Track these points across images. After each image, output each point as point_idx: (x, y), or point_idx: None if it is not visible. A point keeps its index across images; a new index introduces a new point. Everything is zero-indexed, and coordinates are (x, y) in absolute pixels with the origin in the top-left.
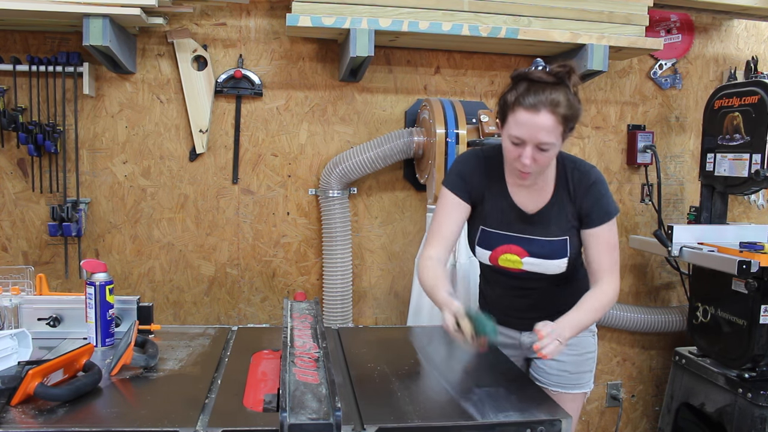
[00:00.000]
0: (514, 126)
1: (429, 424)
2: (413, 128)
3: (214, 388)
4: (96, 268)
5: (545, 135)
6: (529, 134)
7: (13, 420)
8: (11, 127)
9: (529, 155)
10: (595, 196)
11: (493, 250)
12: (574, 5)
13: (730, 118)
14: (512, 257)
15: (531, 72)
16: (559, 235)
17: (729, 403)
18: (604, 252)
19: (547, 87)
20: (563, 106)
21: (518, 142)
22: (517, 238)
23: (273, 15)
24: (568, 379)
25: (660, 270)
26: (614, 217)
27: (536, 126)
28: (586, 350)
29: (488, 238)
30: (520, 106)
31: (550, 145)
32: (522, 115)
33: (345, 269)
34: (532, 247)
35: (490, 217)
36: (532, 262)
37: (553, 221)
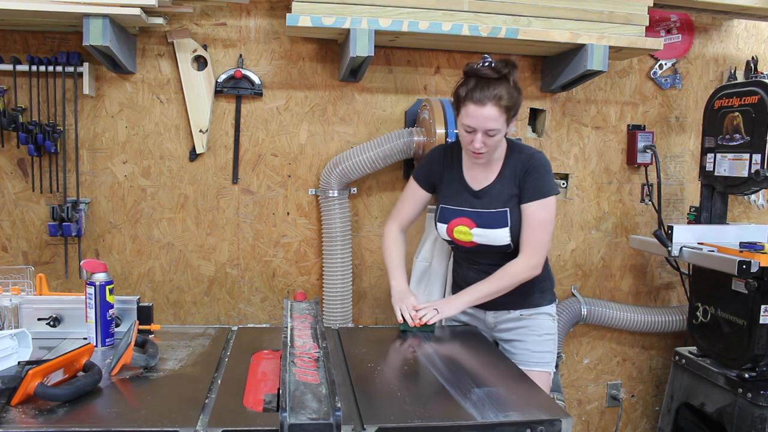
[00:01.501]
0: (465, 117)
1: (429, 424)
2: (413, 128)
3: (214, 388)
4: (96, 268)
5: (491, 123)
6: (478, 123)
7: (13, 420)
8: (11, 127)
9: (480, 139)
10: (533, 176)
11: (448, 224)
12: (574, 5)
13: (730, 118)
14: (463, 229)
15: (478, 69)
16: (498, 207)
17: (729, 403)
18: (529, 227)
19: (491, 82)
20: (505, 99)
21: (470, 130)
22: (466, 211)
23: (273, 15)
24: (531, 357)
25: (660, 270)
26: (547, 197)
27: (483, 117)
28: (545, 332)
29: (444, 213)
30: (469, 100)
31: (496, 131)
32: (471, 108)
33: (345, 269)
34: (479, 219)
35: (446, 195)
36: (479, 232)
37: (495, 196)
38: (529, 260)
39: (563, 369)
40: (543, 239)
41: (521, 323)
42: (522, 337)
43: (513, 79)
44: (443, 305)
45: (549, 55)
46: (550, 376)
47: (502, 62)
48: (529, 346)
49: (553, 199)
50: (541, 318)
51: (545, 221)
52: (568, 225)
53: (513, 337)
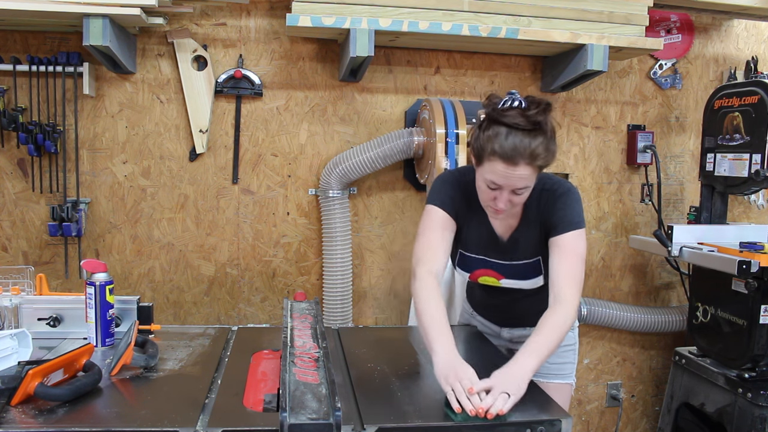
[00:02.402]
0: (490, 173)
1: (429, 424)
2: (413, 128)
3: (214, 388)
4: (96, 268)
5: (522, 182)
6: (505, 183)
7: (13, 420)
8: (11, 127)
9: (505, 199)
10: (559, 206)
11: (471, 273)
12: (574, 5)
13: (730, 118)
14: (490, 279)
15: (507, 115)
16: (530, 257)
17: (729, 403)
18: (564, 262)
19: (525, 135)
20: (541, 157)
21: (494, 187)
22: (492, 263)
23: (273, 15)
24: (549, 369)
25: (660, 270)
26: (578, 228)
27: (513, 176)
28: (564, 343)
29: (466, 262)
30: (497, 156)
31: (525, 190)
32: (499, 165)
33: (345, 269)
34: (507, 271)
35: (469, 242)
36: (509, 283)
37: (522, 244)
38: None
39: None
40: (581, 274)
41: None
42: None
43: (552, 130)
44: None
45: (549, 55)
46: (571, 387)
47: (535, 104)
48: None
49: (584, 231)
50: None
51: (582, 253)
52: None
53: None
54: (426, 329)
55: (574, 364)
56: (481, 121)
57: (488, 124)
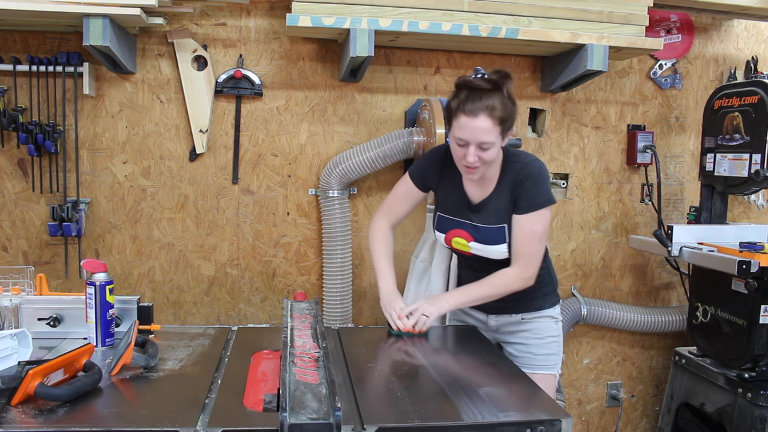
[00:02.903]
0: (457, 129)
1: (429, 424)
2: (413, 128)
3: (214, 388)
4: (96, 268)
5: (484, 135)
6: (470, 136)
7: (14, 420)
8: (11, 127)
9: (473, 153)
10: (527, 186)
11: (446, 233)
12: (574, 5)
13: (730, 118)
14: (461, 240)
15: (471, 80)
16: (496, 223)
17: (729, 403)
18: (523, 239)
19: (484, 93)
20: (499, 109)
21: (462, 143)
22: (464, 223)
23: (273, 15)
24: (534, 360)
25: (660, 270)
26: (542, 208)
27: (476, 128)
28: (548, 334)
29: (442, 222)
30: (461, 112)
31: (490, 144)
32: (463, 119)
33: (345, 269)
34: (476, 233)
35: (444, 204)
36: (477, 246)
37: (492, 210)
38: (522, 273)
39: (563, 369)
40: (537, 252)
41: (524, 326)
42: (524, 340)
43: (507, 90)
44: (430, 307)
45: (549, 55)
46: (555, 378)
47: (496, 73)
48: (531, 349)
49: (548, 210)
50: (544, 321)
51: (540, 234)
52: (568, 225)
53: (516, 340)
54: (375, 270)
55: (559, 355)
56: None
57: (456, 92)
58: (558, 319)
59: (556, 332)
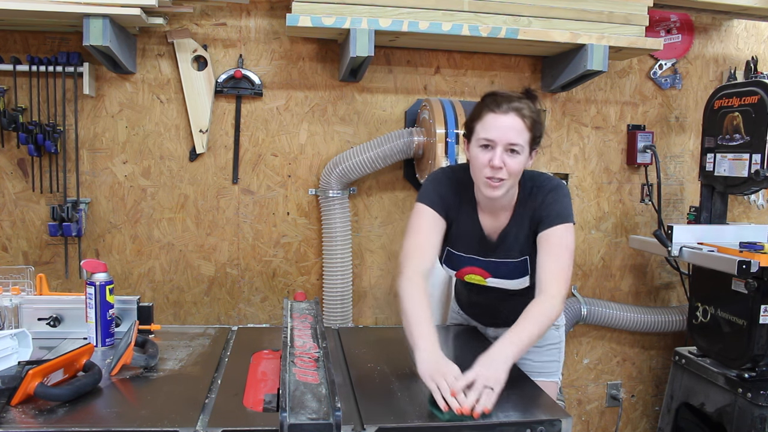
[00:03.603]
0: (482, 130)
1: (429, 424)
2: (413, 128)
3: (214, 388)
4: (96, 268)
5: (514, 135)
6: (498, 135)
7: (13, 420)
8: (11, 127)
9: (500, 156)
10: (548, 202)
11: (458, 271)
12: (574, 5)
13: (730, 118)
14: (476, 277)
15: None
16: (518, 256)
17: (729, 403)
18: (554, 254)
19: (513, 97)
20: (528, 111)
21: (488, 144)
22: (479, 261)
23: (273, 15)
24: (533, 367)
25: (660, 270)
26: (567, 222)
27: (505, 126)
28: (548, 342)
29: (453, 260)
30: (488, 111)
31: (519, 148)
32: (490, 118)
33: (345, 269)
34: (494, 270)
35: (457, 240)
36: (495, 282)
37: (512, 243)
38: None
39: (563, 369)
40: (570, 267)
41: None
42: None
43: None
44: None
45: (549, 55)
46: (556, 385)
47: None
48: (530, 356)
49: (573, 226)
50: None
51: (569, 247)
52: None
53: None
54: (411, 326)
55: (560, 362)
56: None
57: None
58: (559, 326)
59: (556, 339)
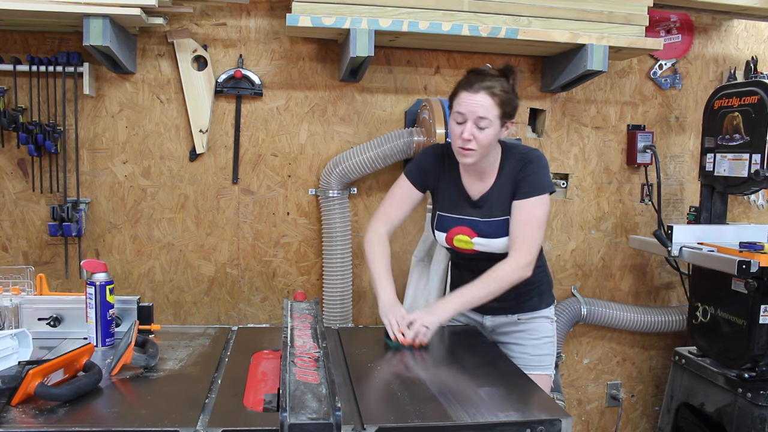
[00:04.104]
0: (456, 105)
1: (429, 424)
2: (413, 128)
3: (214, 388)
4: (96, 268)
5: (482, 111)
6: (467, 110)
7: (14, 420)
8: (11, 127)
9: (469, 129)
10: (527, 172)
11: (447, 232)
12: (573, 5)
13: (729, 118)
14: (464, 238)
15: (477, 68)
16: (499, 215)
17: (729, 403)
18: (521, 224)
19: (487, 76)
20: (498, 90)
21: (460, 120)
22: (466, 220)
23: (273, 15)
24: (530, 361)
25: (660, 270)
26: (542, 193)
27: (474, 103)
28: (543, 335)
29: (443, 221)
30: (462, 89)
31: (487, 122)
32: (463, 95)
33: (345, 269)
34: (479, 228)
35: (444, 202)
36: (481, 241)
37: (494, 203)
38: (519, 260)
39: (563, 369)
40: (536, 238)
41: (519, 327)
42: (520, 341)
43: (511, 80)
44: (429, 317)
45: (549, 55)
46: (550, 378)
47: (503, 66)
48: (527, 349)
49: (547, 197)
50: (539, 321)
51: (539, 219)
52: (568, 225)
53: (511, 341)
54: (374, 279)
55: (553, 355)
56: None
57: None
58: (553, 320)
59: (551, 332)
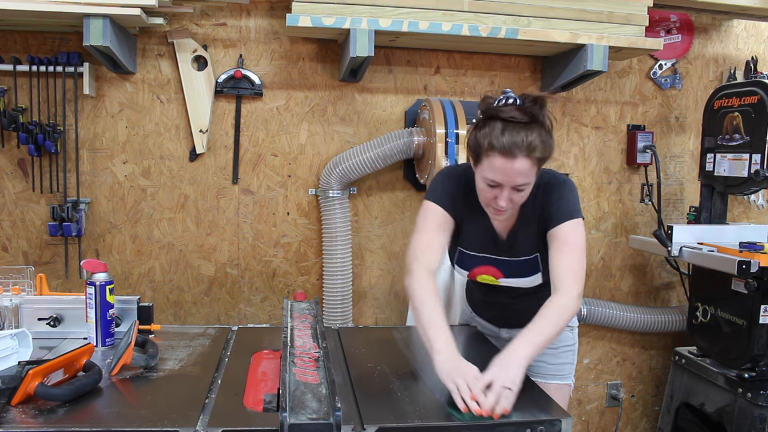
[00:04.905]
0: (489, 170)
1: (429, 424)
2: (413, 128)
3: (214, 388)
4: (96, 268)
5: (522, 178)
6: (505, 179)
7: (14, 420)
8: (11, 127)
9: (506, 197)
10: (555, 197)
11: (470, 271)
12: (573, 5)
13: (729, 118)
14: (488, 277)
15: (502, 110)
16: (528, 254)
17: (729, 403)
18: (566, 252)
19: (522, 128)
20: (539, 149)
21: (494, 185)
22: (491, 260)
23: (273, 15)
24: (548, 370)
25: (660, 270)
26: (575, 217)
27: (513, 171)
28: (563, 344)
29: (465, 260)
30: (494, 150)
31: (526, 186)
32: (497, 160)
33: (345, 269)
34: (506, 268)
35: (468, 240)
36: (508, 281)
37: (521, 241)
38: (571, 293)
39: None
40: (583, 264)
41: None
42: None
43: (546, 120)
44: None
45: (549, 55)
46: (570, 388)
47: (531, 100)
48: (545, 358)
49: (582, 221)
50: None
51: (579, 245)
52: None
53: None
54: (425, 328)
55: (573, 364)
56: (477, 121)
57: (484, 122)
58: (573, 328)
59: (571, 341)
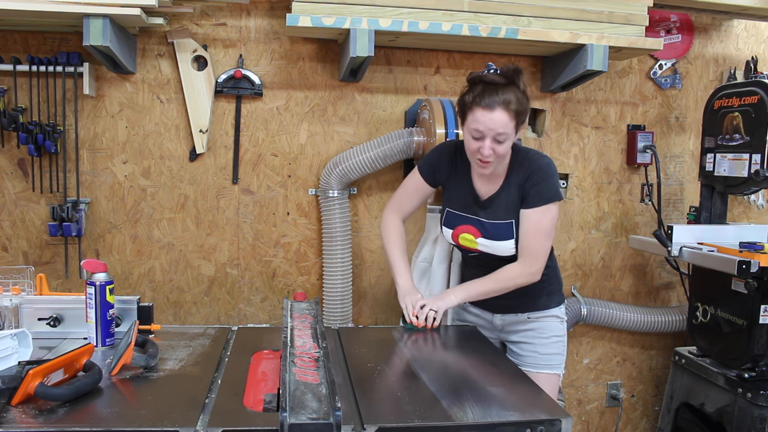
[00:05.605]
0: (473, 122)
1: (429, 424)
2: (413, 128)
3: (214, 388)
4: (96, 268)
5: (501, 128)
6: (486, 128)
7: (14, 420)
8: (11, 127)
9: (488, 146)
10: (535, 180)
11: (453, 229)
12: (573, 5)
13: (729, 118)
14: (469, 236)
15: (485, 75)
16: (504, 218)
17: (729, 403)
18: (530, 234)
19: (500, 88)
20: (514, 103)
21: (478, 136)
22: (472, 219)
23: (273, 15)
24: (539, 359)
25: (660, 270)
26: (550, 203)
27: (492, 121)
28: (553, 333)
29: (450, 218)
30: (477, 105)
31: (505, 136)
32: (479, 113)
33: (345, 269)
34: (484, 229)
35: (452, 200)
36: (484, 242)
37: (500, 206)
38: (527, 268)
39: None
40: (544, 247)
41: (529, 326)
42: (529, 340)
43: (521, 84)
44: (437, 302)
45: (549, 55)
46: (559, 378)
47: (509, 68)
48: (537, 348)
49: (555, 205)
50: (549, 320)
51: (547, 228)
52: (568, 225)
53: (520, 339)
54: (391, 266)
55: (563, 355)
56: (465, 87)
57: (470, 87)
58: (563, 319)
59: (561, 332)
